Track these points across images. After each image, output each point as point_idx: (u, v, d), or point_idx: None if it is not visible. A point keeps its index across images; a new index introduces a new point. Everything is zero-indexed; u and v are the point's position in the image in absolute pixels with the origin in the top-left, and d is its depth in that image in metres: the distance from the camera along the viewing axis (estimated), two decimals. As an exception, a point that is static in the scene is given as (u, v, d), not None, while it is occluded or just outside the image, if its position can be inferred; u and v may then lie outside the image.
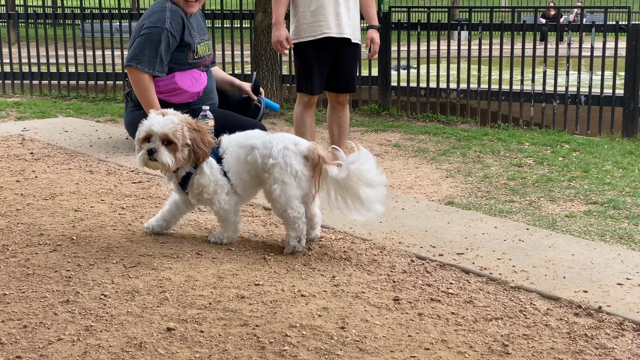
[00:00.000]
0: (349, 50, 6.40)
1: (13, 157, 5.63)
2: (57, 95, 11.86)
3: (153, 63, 5.26)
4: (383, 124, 10.16)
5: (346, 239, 3.89)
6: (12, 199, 4.50)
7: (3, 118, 9.24)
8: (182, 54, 5.45)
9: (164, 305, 3.07)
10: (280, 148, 3.66)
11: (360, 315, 2.98)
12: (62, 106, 10.64)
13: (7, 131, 6.66)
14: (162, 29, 5.25)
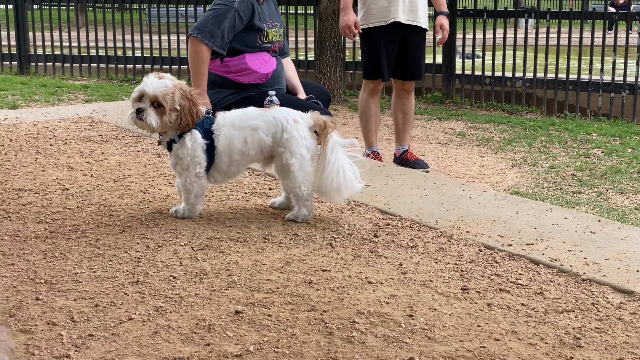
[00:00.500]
0: (417, 37, 6.34)
1: (83, 138, 5.72)
2: (123, 79, 12.02)
3: (214, 36, 5.25)
4: (447, 112, 10.06)
5: (413, 226, 3.86)
6: (83, 180, 4.57)
7: (71, 100, 9.41)
8: (252, 37, 5.45)
9: (232, 289, 3.08)
10: (291, 122, 3.84)
11: (428, 304, 2.96)
12: (128, 89, 10.78)
13: (77, 113, 6.77)
14: (230, 7, 5.25)
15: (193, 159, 3.83)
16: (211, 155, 3.89)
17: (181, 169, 3.87)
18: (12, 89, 9.88)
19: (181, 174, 3.88)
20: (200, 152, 3.84)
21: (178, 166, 3.88)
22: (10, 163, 4.93)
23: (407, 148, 6.64)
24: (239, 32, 5.30)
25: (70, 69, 12.26)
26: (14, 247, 3.50)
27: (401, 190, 4.44)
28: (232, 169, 3.99)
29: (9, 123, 6.27)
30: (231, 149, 3.88)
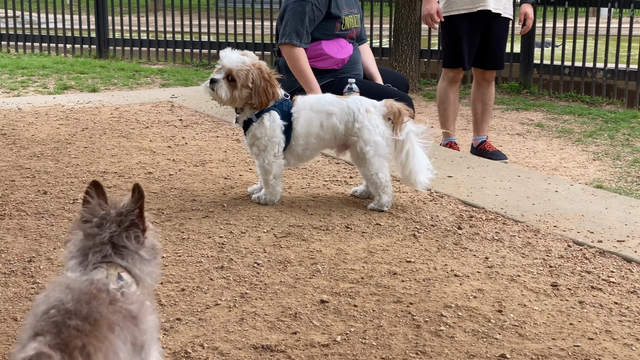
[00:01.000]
0: (500, 25, 6.22)
1: (163, 123, 5.78)
2: (198, 63, 12.12)
3: (300, 35, 5.25)
4: (524, 103, 9.88)
5: (497, 219, 3.79)
6: (165, 164, 4.61)
7: (149, 84, 9.53)
8: (329, 25, 5.42)
9: (316, 277, 3.06)
10: (363, 112, 3.86)
11: (517, 300, 2.89)
12: (203, 74, 10.87)
13: (157, 97, 6.84)
14: (307, 2, 5.23)
15: (271, 138, 3.84)
16: (287, 138, 3.89)
17: (258, 150, 3.89)
18: (91, 72, 10.06)
19: (258, 154, 3.90)
20: (279, 132, 3.86)
21: (255, 147, 3.90)
22: (95, 146, 5.01)
23: (485, 139, 6.53)
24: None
25: (147, 53, 12.42)
26: (101, 229, 3.54)
27: (484, 182, 4.35)
28: (307, 153, 4.00)
29: (92, 106, 6.37)
30: (308, 132, 3.89)
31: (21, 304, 2.80)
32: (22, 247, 3.33)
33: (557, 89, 10.73)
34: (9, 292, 2.89)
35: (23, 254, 3.25)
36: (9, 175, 4.34)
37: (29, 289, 2.92)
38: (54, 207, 3.84)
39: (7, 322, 2.66)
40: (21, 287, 2.93)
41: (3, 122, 5.69)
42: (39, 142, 5.08)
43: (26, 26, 13.58)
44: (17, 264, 3.15)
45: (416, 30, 10.12)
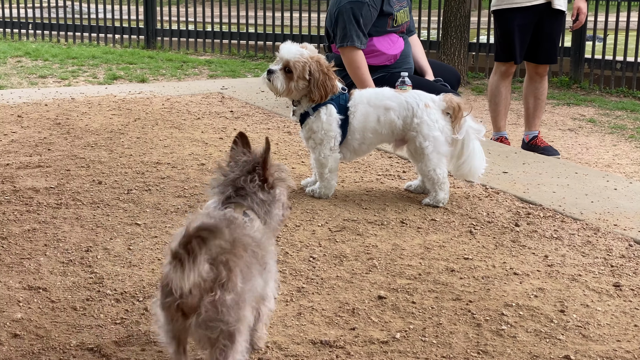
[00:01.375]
0: (554, 19, 6.11)
1: (214, 114, 5.79)
2: (245, 55, 12.14)
3: (359, 37, 5.22)
4: (575, 98, 9.73)
5: (555, 217, 3.72)
6: (217, 156, 4.61)
7: (196, 75, 9.57)
8: (382, 22, 5.39)
9: (373, 273, 3.04)
10: (422, 107, 3.83)
11: (579, 300, 2.83)
12: (250, 66, 10.89)
13: (207, 89, 6.86)
14: (363, 3, 5.19)
15: (327, 132, 3.83)
16: (344, 132, 3.87)
17: (314, 143, 3.87)
18: (140, 62, 10.13)
19: (314, 148, 3.88)
20: (335, 126, 3.84)
21: (311, 140, 3.89)
22: (148, 136, 5.03)
23: (536, 134, 6.44)
24: None
25: (194, 44, 12.46)
26: (156, 220, 3.56)
27: (540, 179, 4.29)
28: (363, 147, 3.98)
29: (144, 96, 6.41)
30: (365, 127, 3.87)
31: (79, 293, 2.81)
32: (79, 236, 3.35)
33: (608, 84, 10.55)
34: (68, 282, 2.91)
35: (80, 243, 3.27)
36: (64, 165, 4.37)
37: (87, 278, 2.94)
38: (109, 197, 3.86)
39: (66, 312, 2.68)
40: (79, 277, 2.95)
41: (57, 111, 5.74)
42: (93, 132, 5.12)
43: (76, 16, 13.72)
44: (75, 254, 3.17)
45: (465, 23, 10.01)
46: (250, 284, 2.11)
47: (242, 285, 2.06)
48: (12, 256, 3.13)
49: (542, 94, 6.42)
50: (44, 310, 2.68)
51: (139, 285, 2.88)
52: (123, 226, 3.48)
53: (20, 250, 3.19)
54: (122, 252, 3.18)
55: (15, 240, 3.29)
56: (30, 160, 4.43)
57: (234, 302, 2.04)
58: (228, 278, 2.02)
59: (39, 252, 3.17)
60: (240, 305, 2.06)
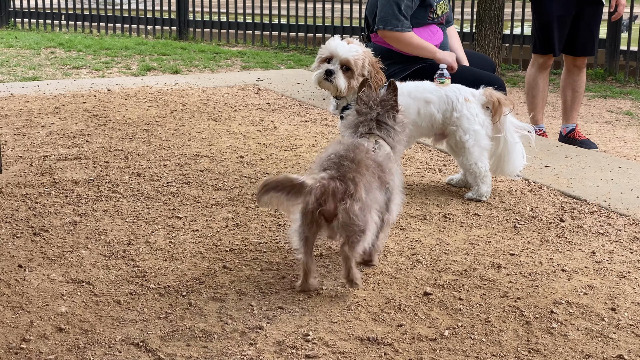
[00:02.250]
0: (592, 10, 6.02)
1: (251, 106, 5.77)
2: (277, 46, 12.11)
3: (400, 20, 5.16)
4: (611, 90, 9.60)
5: (601, 212, 3.65)
6: (256, 148, 4.59)
7: (229, 67, 9.56)
8: (424, 13, 5.33)
9: (418, 268, 3.00)
10: (462, 100, 3.80)
11: (630, 297, 2.77)
12: (283, 57, 10.86)
13: (243, 80, 6.84)
14: None
15: None
16: None
17: None
18: (172, 53, 10.14)
19: None
20: None
21: None
22: (185, 128, 5.02)
23: (574, 127, 6.35)
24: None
25: (226, 35, 12.45)
26: (197, 213, 3.54)
27: (584, 173, 4.22)
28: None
29: (180, 88, 6.40)
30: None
31: (123, 287, 2.80)
32: (120, 229, 3.34)
33: (645, 76, 10.39)
34: (111, 275, 2.90)
35: (122, 236, 3.27)
36: (102, 157, 4.37)
37: (129, 272, 2.93)
38: (149, 189, 3.85)
39: (110, 305, 2.67)
40: (122, 270, 2.94)
41: (94, 103, 5.75)
42: (130, 124, 5.12)
43: (108, 7, 13.76)
44: (117, 247, 3.16)
45: (499, 14, 9.90)
46: (372, 195, 2.69)
47: (366, 196, 2.65)
48: (54, 249, 3.13)
49: (580, 86, 6.33)
50: (88, 304, 2.67)
51: (182, 280, 2.86)
52: (164, 219, 3.46)
53: (62, 242, 3.19)
54: (164, 246, 3.17)
55: (56, 233, 3.29)
56: (68, 152, 4.44)
57: (361, 210, 2.63)
58: (355, 190, 2.62)
59: (81, 245, 3.17)
60: (365, 211, 2.65)
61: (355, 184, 2.63)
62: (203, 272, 2.93)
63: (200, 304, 2.68)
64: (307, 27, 12.02)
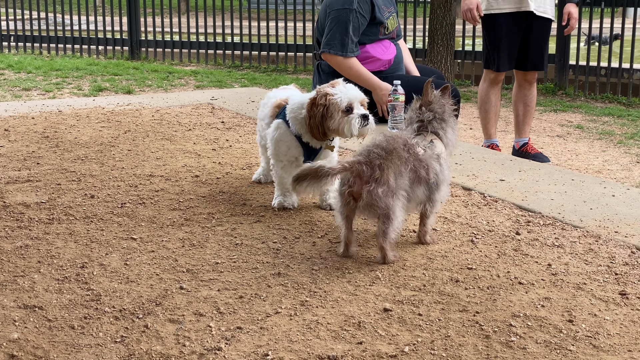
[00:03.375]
0: (541, 26, 6.13)
1: (206, 125, 5.73)
2: (231, 65, 12.09)
3: (345, 45, 5.20)
4: (561, 104, 9.76)
5: (555, 224, 3.69)
6: (211, 167, 4.56)
7: (183, 86, 9.51)
8: (374, 30, 5.37)
9: (377, 285, 2.99)
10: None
11: (587, 309, 2.79)
12: (237, 76, 10.84)
13: (197, 99, 6.80)
14: (350, 10, 5.16)
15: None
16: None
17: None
18: (125, 73, 10.06)
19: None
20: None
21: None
22: (139, 148, 4.96)
23: (527, 140, 6.44)
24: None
25: (179, 55, 12.40)
26: (152, 234, 3.49)
27: (538, 186, 4.26)
28: None
29: (133, 108, 6.34)
30: None
31: (77, 311, 2.75)
32: (73, 252, 3.28)
33: (593, 91, 10.59)
34: (64, 299, 2.84)
35: (75, 259, 3.21)
36: (54, 179, 4.30)
37: (83, 295, 2.87)
38: (103, 211, 3.79)
39: (64, 330, 2.61)
40: (76, 294, 2.88)
41: (45, 124, 5.66)
42: (82, 145, 5.04)
43: (58, 28, 13.61)
44: (70, 270, 3.10)
45: (451, 31, 10.04)
46: (401, 183, 3.04)
47: (394, 182, 3.01)
48: (5, 274, 3.05)
49: (531, 100, 6.43)
50: (41, 330, 2.61)
51: (138, 302, 2.81)
52: (118, 241, 3.41)
53: (14, 267, 3.12)
54: (119, 268, 3.12)
55: (7, 257, 3.22)
56: (19, 175, 4.36)
57: (384, 193, 2.99)
58: (380, 175, 2.98)
59: (33, 269, 3.10)
60: (389, 196, 3.00)
61: (382, 169, 3.00)
62: (159, 293, 2.89)
63: (157, 326, 2.63)
64: (260, 46, 12.03)
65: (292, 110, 3.72)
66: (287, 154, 3.76)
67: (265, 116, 3.95)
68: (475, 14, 6.00)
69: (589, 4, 10.84)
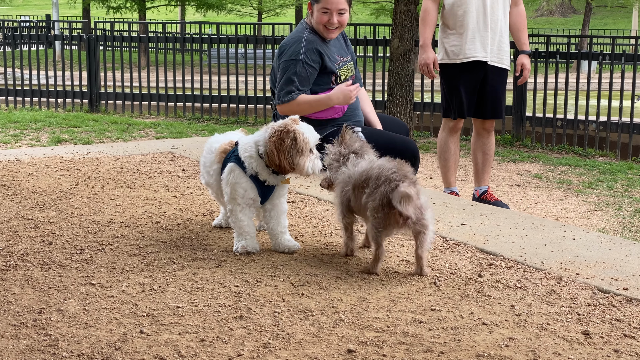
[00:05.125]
0: (497, 75, 6.23)
1: (166, 173, 5.69)
2: (191, 117, 12.10)
3: (291, 93, 5.22)
4: (519, 154, 9.90)
5: (517, 267, 3.70)
6: (172, 214, 4.51)
7: (143, 137, 9.47)
8: (326, 79, 5.39)
9: (340, 326, 2.96)
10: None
11: (550, 348, 2.79)
12: (197, 127, 10.84)
13: (157, 148, 6.76)
14: (297, 61, 5.20)
15: None
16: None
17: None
18: (84, 125, 10.00)
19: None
20: None
21: None
22: (98, 196, 4.90)
23: (486, 189, 6.49)
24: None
25: (139, 107, 12.39)
26: (112, 279, 3.43)
27: (499, 230, 4.28)
28: None
29: (92, 157, 6.28)
30: None
31: (34, 356, 2.68)
32: (30, 298, 3.21)
33: (550, 142, 10.78)
34: (21, 345, 2.77)
35: (32, 305, 3.13)
36: (11, 227, 4.22)
37: (41, 341, 2.80)
38: (61, 257, 3.72)
39: (20, 376, 2.53)
40: (33, 339, 2.81)
41: (2, 173, 5.58)
42: (41, 193, 4.97)
43: (17, 82, 13.54)
44: (27, 316, 3.02)
45: (410, 82, 10.17)
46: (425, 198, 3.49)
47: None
48: (-41, 320, 2.97)
49: (490, 149, 6.50)
50: (-3, 375, 2.53)
51: (96, 347, 2.75)
52: (77, 286, 3.34)
53: (-32, 313, 3.04)
54: (77, 313, 3.05)
55: (-38, 304, 3.13)
56: (-25, 222, 4.27)
57: (424, 207, 3.43)
58: (419, 192, 3.40)
59: (-11, 315, 3.02)
60: (426, 210, 3.45)
61: (418, 187, 3.39)
62: (119, 338, 2.82)
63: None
64: (220, 98, 12.07)
65: (246, 150, 3.74)
66: (244, 196, 3.76)
67: (211, 162, 3.95)
68: (432, 69, 6.09)
69: (544, 57, 11.08)
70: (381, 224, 3.40)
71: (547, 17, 52.13)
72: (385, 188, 3.35)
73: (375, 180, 3.41)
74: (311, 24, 5.36)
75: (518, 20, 6.29)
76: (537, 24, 45.53)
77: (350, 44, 5.73)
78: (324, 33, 5.32)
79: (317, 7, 5.24)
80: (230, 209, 3.80)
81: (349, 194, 3.59)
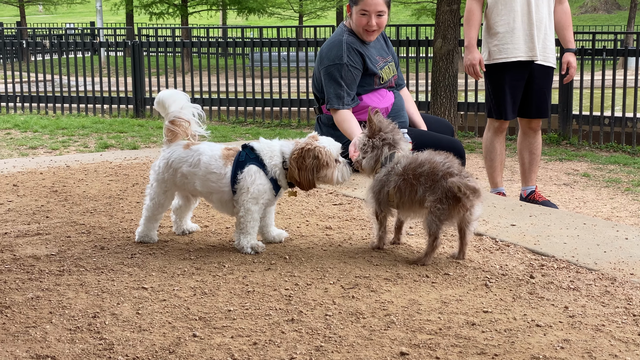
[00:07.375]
0: (543, 74, 6.17)
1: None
2: (235, 120, 12.16)
3: (341, 98, 5.25)
4: (566, 153, 9.79)
5: (570, 268, 3.66)
6: (220, 217, 4.54)
7: (188, 142, 9.53)
8: (369, 80, 5.41)
9: (392, 329, 2.95)
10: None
11: (607, 350, 2.75)
12: (241, 131, 10.90)
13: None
14: (341, 65, 5.22)
15: None
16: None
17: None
18: (130, 130, 10.11)
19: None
20: None
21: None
22: (148, 200, 4.94)
23: (534, 189, 6.42)
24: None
25: (183, 112, 12.50)
26: (163, 283, 3.47)
27: (550, 230, 4.23)
28: None
29: (140, 162, 6.35)
30: None
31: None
32: (84, 302, 3.25)
33: (597, 140, 10.63)
34: (77, 349, 2.80)
35: (87, 309, 3.17)
36: (64, 232, 4.29)
37: (96, 345, 2.83)
38: (113, 262, 3.77)
39: (77, 379, 2.57)
40: (88, 344, 2.84)
41: (53, 179, 5.67)
42: (91, 198, 5.04)
43: (64, 89, 13.75)
44: (82, 320, 3.06)
45: (454, 82, 10.11)
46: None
47: None
48: (16, 325, 3.02)
49: (536, 148, 6.43)
50: (54, 379, 2.57)
51: (151, 350, 2.77)
52: (129, 290, 3.38)
53: (25, 318, 3.09)
54: (131, 317, 3.09)
55: (19, 309, 3.18)
56: (28, 229, 4.34)
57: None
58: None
59: (45, 320, 3.06)
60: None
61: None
62: (172, 341, 2.85)
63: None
64: (264, 101, 12.13)
65: (272, 157, 3.88)
66: (264, 197, 3.89)
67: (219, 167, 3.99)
68: (478, 69, 6.05)
69: (590, 54, 10.94)
70: (444, 214, 3.54)
71: (591, 13, 51.50)
72: (443, 183, 3.52)
73: (430, 174, 3.56)
74: (350, 26, 5.37)
75: (563, 18, 6.22)
76: (582, 21, 45.04)
77: (391, 44, 5.72)
78: (363, 35, 5.33)
79: (355, 10, 5.25)
80: (247, 210, 3.84)
81: (389, 189, 3.70)
